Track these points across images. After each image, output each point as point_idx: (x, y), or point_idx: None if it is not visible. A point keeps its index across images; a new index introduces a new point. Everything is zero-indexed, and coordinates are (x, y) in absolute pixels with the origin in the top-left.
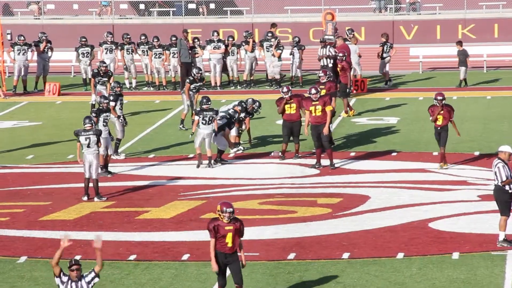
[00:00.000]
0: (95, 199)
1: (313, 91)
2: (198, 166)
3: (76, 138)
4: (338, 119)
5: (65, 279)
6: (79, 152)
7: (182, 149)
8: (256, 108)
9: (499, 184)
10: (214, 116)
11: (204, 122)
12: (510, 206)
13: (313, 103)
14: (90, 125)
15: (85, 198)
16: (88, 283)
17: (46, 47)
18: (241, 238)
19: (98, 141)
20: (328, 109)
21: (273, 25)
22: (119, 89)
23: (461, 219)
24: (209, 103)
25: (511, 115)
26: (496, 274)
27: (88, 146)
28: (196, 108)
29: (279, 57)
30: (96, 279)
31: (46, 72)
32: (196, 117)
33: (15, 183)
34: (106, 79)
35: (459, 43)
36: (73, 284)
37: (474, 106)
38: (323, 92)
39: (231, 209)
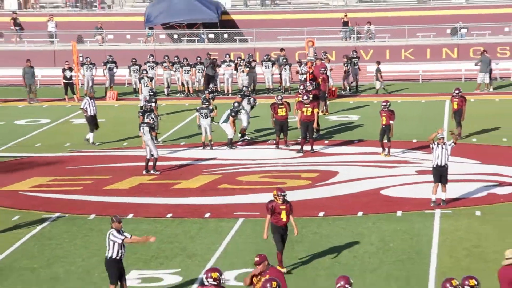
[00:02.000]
0: (152, 171)
1: (305, 97)
2: (204, 148)
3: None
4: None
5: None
6: (143, 139)
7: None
8: (253, 103)
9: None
10: (208, 112)
11: (202, 116)
12: (439, 176)
13: (305, 105)
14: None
15: (144, 172)
16: (122, 234)
17: (112, 66)
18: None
19: (152, 130)
20: (316, 111)
21: (282, 49)
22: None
23: (403, 187)
24: (207, 103)
25: (439, 114)
26: (427, 226)
27: (144, 134)
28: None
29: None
30: (126, 236)
31: (112, 83)
32: (197, 113)
33: (86, 163)
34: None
35: (377, 62)
36: (115, 231)
37: (413, 107)
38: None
39: (284, 193)
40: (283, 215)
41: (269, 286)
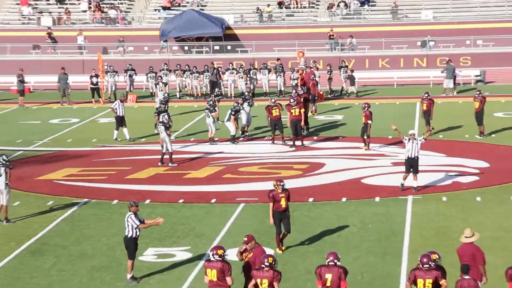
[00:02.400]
0: (169, 164)
1: (292, 100)
2: (211, 143)
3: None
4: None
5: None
6: (160, 136)
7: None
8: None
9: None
10: (209, 112)
11: (207, 115)
12: (410, 166)
13: (293, 107)
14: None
15: (160, 163)
16: (138, 219)
17: (132, 73)
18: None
19: (166, 128)
20: (302, 111)
21: (278, 59)
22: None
23: (381, 177)
24: (213, 105)
25: (411, 114)
26: (401, 210)
27: (161, 132)
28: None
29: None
30: (141, 222)
31: (132, 88)
32: (205, 111)
33: (109, 156)
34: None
35: (351, 70)
36: (133, 215)
37: (389, 108)
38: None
39: (283, 183)
40: (283, 202)
41: (266, 261)
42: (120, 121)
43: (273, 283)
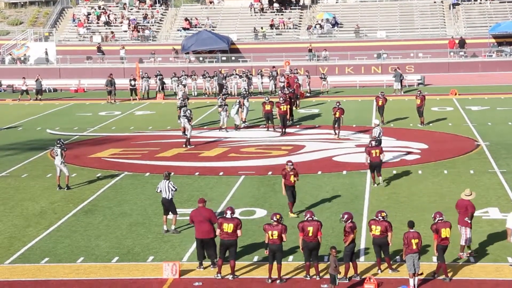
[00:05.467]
0: (188, 146)
1: (281, 99)
2: (220, 130)
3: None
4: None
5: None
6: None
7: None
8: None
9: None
10: (222, 108)
11: (224, 110)
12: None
13: (281, 104)
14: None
15: (184, 146)
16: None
17: (161, 77)
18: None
19: (189, 120)
20: (288, 107)
21: (273, 67)
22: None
23: (347, 155)
24: (223, 102)
25: (369, 108)
26: (362, 180)
27: (184, 123)
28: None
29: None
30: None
31: (160, 89)
32: (220, 108)
33: (141, 140)
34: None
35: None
36: (166, 181)
37: (353, 104)
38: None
39: (291, 163)
40: (292, 178)
41: (274, 218)
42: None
43: (281, 234)
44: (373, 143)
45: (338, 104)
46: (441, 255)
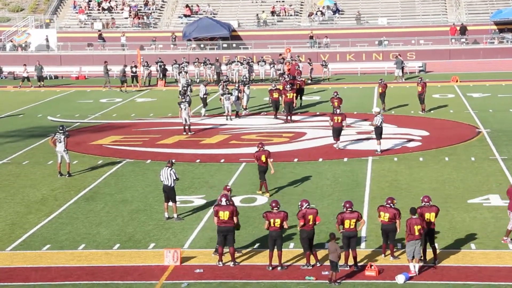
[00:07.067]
0: (189, 133)
1: (288, 86)
2: (227, 119)
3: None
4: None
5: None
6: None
7: (222, 111)
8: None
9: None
10: (226, 96)
11: (225, 98)
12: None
13: (288, 92)
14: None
15: (184, 133)
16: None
17: (162, 64)
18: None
19: (189, 105)
20: (294, 95)
21: (280, 54)
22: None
23: (348, 142)
24: (227, 91)
25: (370, 95)
26: (363, 167)
27: (185, 109)
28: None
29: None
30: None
31: (161, 76)
32: (221, 97)
33: (142, 127)
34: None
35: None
36: (168, 168)
37: (354, 91)
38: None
39: (262, 145)
40: (263, 158)
41: (275, 205)
42: (203, 101)
43: (283, 222)
44: (338, 110)
45: (335, 93)
46: (431, 240)
